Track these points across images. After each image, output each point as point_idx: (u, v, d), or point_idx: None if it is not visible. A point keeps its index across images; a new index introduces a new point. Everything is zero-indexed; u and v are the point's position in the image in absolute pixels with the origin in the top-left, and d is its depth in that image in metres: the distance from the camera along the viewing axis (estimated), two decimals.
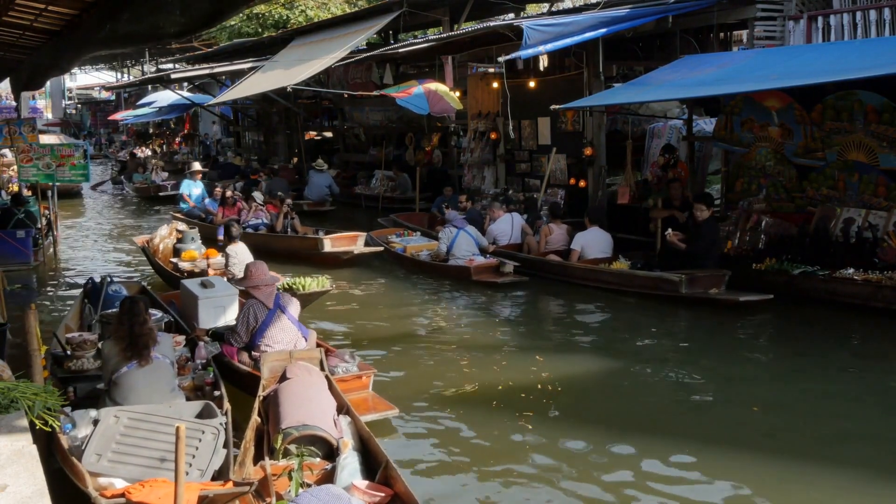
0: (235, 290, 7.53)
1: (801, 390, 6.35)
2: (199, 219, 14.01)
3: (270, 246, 11.88)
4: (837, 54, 8.70)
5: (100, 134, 42.05)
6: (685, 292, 8.36)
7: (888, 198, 8.82)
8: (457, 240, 10.31)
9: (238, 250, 9.37)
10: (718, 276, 8.53)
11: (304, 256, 11.59)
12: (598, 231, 10.09)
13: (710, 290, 8.38)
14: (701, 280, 8.45)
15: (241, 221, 12.53)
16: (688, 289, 8.36)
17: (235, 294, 7.45)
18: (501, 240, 10.93)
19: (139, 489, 3.84)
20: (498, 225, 11.07)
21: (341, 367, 5.94)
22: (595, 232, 10.06)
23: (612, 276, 9.31)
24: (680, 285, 8.37)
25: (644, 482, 4.82)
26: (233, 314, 7.24)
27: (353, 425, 4.92)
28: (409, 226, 12.69)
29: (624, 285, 9.09)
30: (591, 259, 9.80)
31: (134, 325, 5.08)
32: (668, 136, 12.75)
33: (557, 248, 10.29)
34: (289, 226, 12.50)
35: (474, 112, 13.70)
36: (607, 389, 6.61)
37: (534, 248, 10.54)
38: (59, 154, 12.88)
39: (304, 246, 11.80)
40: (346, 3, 25.09)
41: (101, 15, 6.57)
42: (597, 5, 11.49)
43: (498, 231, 11.02)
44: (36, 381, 4.70)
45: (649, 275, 8.88)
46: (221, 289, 7.45)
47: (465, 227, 10.47)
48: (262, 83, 16.01)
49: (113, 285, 7.64)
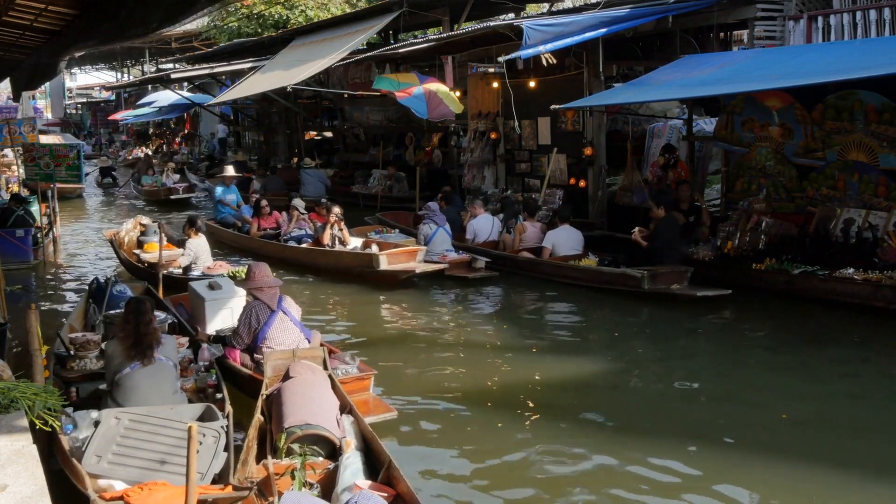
0: (242, 291, 7.52)
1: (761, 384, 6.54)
2: (234, 228, 13.04)
3: (316, 261, 10.78)
4: (837, 54, 8.70)
5: (100, 134, 42.06)
6: (647, 288, 8.66)
7: (888, 198, 8.82)
8: (435, 236, 10.59)
9: (198, 243, 9.77)
10: (681, 273, 8.82)
11: (356, 274, 10.29)
12: (569, 229, 10.32)
13: (672, 285, 8.67)
14: (663, 276, 8.75)
15: (281, 233, 11.69)
16: (650, 284, 8.67)
17: (243, 296, 7.44)
18: (480, 236, 11.24)
19: (138, 492, 3.83)
20: (477, 221, 11.40)
21: (342, 368, 5.93)
22: (566, 230, 10.29)
23: (580, 272, 9.56)
24: (642, 281, 8.66)
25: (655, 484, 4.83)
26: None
27: (356, 425, 4.92)
28: (390, 223, 12.75)
29: (591, 281, 9.36)
30: (562, 256, 10.05)
31: (139, 325, 5.08)
32: (668, 136, 12.76)
33: (531, 245, 10.52)
34: (336, 238, 10.87)
35: (474, 112, 13.70)
36: (607, 387, 6.63)
37: (509, 244, 10.81)
38: (56, 154, 12.90)
39: (356, 262, 10.29)
40: (346, 3, 25.09)
41: (101, 14, 6.58)
42: (597, 5, 11.48)
43: (478, 227, 11.34)
44: (36, 380, 4.70)
45: (614, 271, 9.19)
46: (228, 291, 7.45)
47: (444, 225, 10.80)
48: (262, 83, 16.02)
49: (118, 285, 7.65)
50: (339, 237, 10.84)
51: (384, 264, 9.81)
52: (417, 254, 10.04)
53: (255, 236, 12.10)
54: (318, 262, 10.71)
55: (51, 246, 12.83)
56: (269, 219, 12.21)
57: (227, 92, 18.98)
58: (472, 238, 11.21)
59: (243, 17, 25.58)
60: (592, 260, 9.74)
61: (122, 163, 32.06)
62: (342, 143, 20.96)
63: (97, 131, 42.57)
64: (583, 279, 9.44)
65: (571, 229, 10.31)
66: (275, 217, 12.21)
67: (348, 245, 10.80)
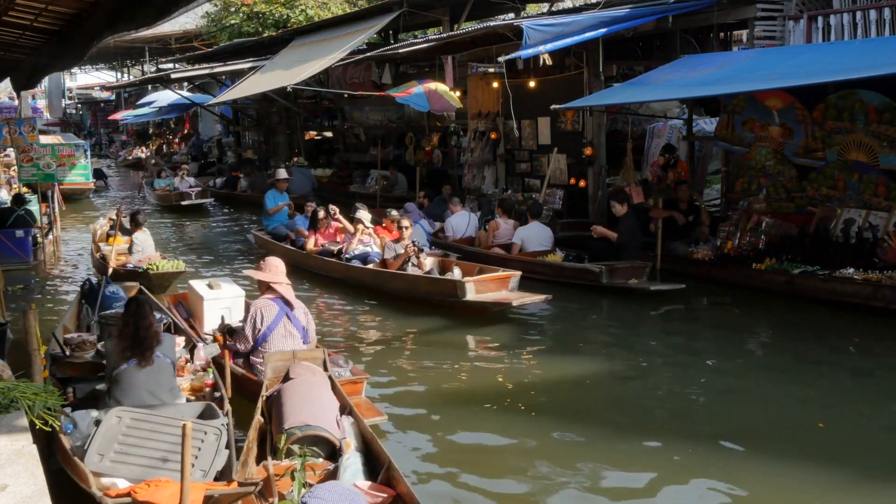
0: (241, 291, 7.53)
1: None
2: (289, 241, 11.49)
3: (385, 285, 9.32)
4: (838, 54, 8.70)
5: (100, 134, 42.07)
6: (606, 282, 8.98)
7: (888, 198, 8.82)
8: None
9: (143, 238, 10.11)
10: (639, 268, 9.14)
11: (436, 303, 8.71)
12: (538, 226, 10.60)
13: (630, 280, 9.00)
14: (621, 271, 9.10)
15: (342, 250, 10.09)
16: (608, 279, 9.00)
17: (242, 296, 7.45)
18: (458, 232, 11.54)
19: (145, 488, 3.84)
20: (455, 218, 11.73)
21: (335, 371, 5.91)
22: (535, 226, 10.54)
23: (545, 267, 9.84)
24: (601, 276, 9.00)
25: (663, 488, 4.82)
26: (238, 316, 7.22)
27: (356, 426, 4.92)
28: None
29: (555, 276, 9.59)
30: (530, 252, 10.25)
31: (139, 329, 5.10)
32: (668, 136, 12.76)
33: (504, 241, 10.72)
34: (411, 259, 9.16)
35: (474, 112, 13.69)
36: (604, 387, 6.65)
37: (483, 241, 11.01)
38: (59, 154, 12.89)
39: (437, 290, 8.68)
40: (346, 2, 25.10)
41: (101, 14, 6.58)
42: (597, 5, 11.49)
43: (454, 224, 11.66)
44: (36, 381, 4.71)
45: (575, 266, 9.51)
46: (227, 290, 7.45)
47: (419, 221, 11.04)
48: (262, 83, 16.02)
49: (110, 286, 7.64)
50: (413, 259, 9.09)
51: (470, 293, 8.32)
52: (510, 280, 8.55)
53: (312, 253, 10.59)
54: (388, 286, 9.31)
55: (50, 246, 12.83)
56: (327, 232, 10.69)
57: (227, 92, 18.97)
58: (451, 234, 11.51)
59: (244, 15, 25.58)
60: (559, 256, 10.04)
61: (122, 163, 32.10)
62: (342, 143, 20.97)
63: (97, 131, 42.57)
64: (549, 274, 9.68)
65: (541, 226, 10.63)
66: (334, 229, 10.68)
67: (424, 268, 9.10)
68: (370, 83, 16.74)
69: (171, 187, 18.97)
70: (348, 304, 9.44)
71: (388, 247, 9.48)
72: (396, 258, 9.20)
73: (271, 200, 12.78)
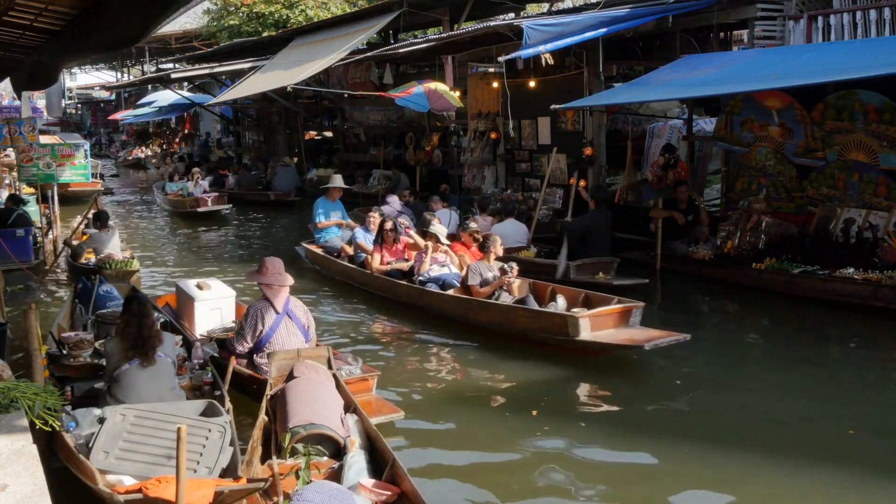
0: (232, 292, 7.51)
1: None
2: (344, 256, 10.15)
3: (470, 316, 7.65)
4: (838, 54, 8.70)
5: (100, 134, 42.07)
6: (573, 277, 9.05)
7: (888, 197, 8.82)
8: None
9: (99, 236, 10.60)
10: (607, 263, 9.26)
11: (540, 342, 7.04)
12: (514, 222, 10.77)
13: (596, 275, 9.09)
14: (587, 266, 9.22)
15: (415, 271, 8.53)
16: (576, 274, 9.10)
17: (232, 296, 7.44)
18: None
19: (156, 484, 3.85)
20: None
21: (345, 369, 5.92)
22: (510, 223, 10.72)
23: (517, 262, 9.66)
24: (569, 270, 9.11)
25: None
26: (229, 317, 7.22)
27: (361, 424, 4.92)
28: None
29: (528, 270, 9.38)
30: (506, 248, 10.12)
31: (142, 329, 5.10)
32: (668, 136, 12.75)
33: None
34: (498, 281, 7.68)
35: (474, 112, 13.70)
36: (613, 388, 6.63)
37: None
38: (59, 154, 12.87)
39: (541, 326, 6.97)
40: (346, 2, 25.10)
41: (101, 14, 6.57)
42: (597, 5, 11.48)
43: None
44: (36, 380, 4.71)
45: (545, 261, 9.72)
46: (218, 291, 7.43)
47: (398, 216, 11.05)
48: (262, 83, 16.00)
49: (104, 285, 7.62)
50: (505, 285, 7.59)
51: (585, 331, 6.62)
52: (633, 313, 6.90)
53: (378, 272, 9.09)
54: (473, 318, 7.64)
55: (50, 246, 12.82)
56: (395, 248, 9.17)
57: (227, 92, 18.96)
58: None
59: (244, 15, 25.59)
60: (531, 252, 10.21)
61: (121, 163, 32.10)
62: (342, 143, 20.97)
63: (97, 131, 42.57)
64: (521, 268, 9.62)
65: (516, 222, 10.80)
66: (404, 245, 9.13)
67: (514, 293, 7.63)
68: (370, 83, 16.74)
69: (185, 192, 17.97)
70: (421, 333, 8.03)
71: (472, 270, 7.89)
72: (484, 285, 7.68)
73: (322, 211, 11.08)
